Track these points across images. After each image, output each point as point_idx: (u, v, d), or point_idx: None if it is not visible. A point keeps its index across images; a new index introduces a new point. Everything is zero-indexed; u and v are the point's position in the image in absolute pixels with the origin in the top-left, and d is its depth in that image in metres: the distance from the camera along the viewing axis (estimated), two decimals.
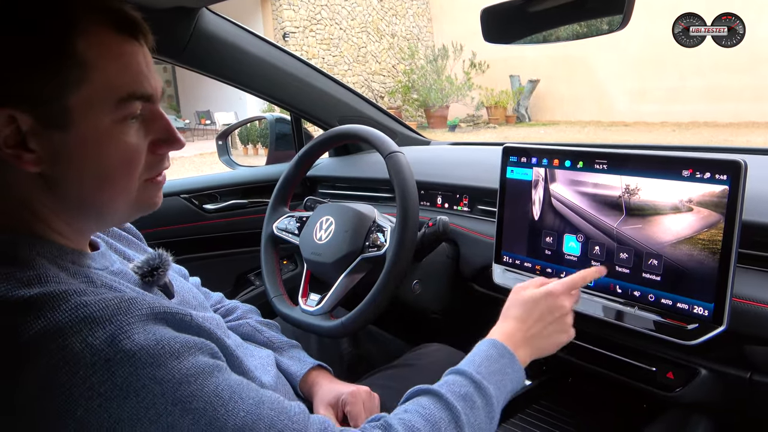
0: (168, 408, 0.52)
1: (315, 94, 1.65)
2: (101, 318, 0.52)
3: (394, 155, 1.09)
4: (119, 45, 0.60)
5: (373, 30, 14.62)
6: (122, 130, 0.61)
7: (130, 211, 0.67)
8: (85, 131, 0.58)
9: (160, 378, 0.52)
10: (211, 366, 0.58)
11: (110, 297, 0.55)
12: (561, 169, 0.98)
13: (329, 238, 1.17)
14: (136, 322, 0.54)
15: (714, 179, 0.78)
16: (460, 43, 13.07)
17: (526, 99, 13.54)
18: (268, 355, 0.91)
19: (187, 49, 1.36)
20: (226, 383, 0.57)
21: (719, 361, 0.86)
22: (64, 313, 0.52)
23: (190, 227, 1.62)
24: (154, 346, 0.54)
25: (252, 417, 0.57)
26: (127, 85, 0.60)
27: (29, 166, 0.58)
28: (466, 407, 0.70)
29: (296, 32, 13.15)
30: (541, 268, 1.01)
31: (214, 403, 0.55)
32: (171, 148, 0.67)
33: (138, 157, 0.63)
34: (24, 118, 0.56)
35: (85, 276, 0.62)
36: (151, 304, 0.58)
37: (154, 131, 0.65)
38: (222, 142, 2.09)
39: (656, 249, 0.84)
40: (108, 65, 0.58)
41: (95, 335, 0.51)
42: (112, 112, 0.59)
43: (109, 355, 0.51)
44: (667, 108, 11.21)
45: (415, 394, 0.74)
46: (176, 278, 0.85)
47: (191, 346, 0.57)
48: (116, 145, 0.60)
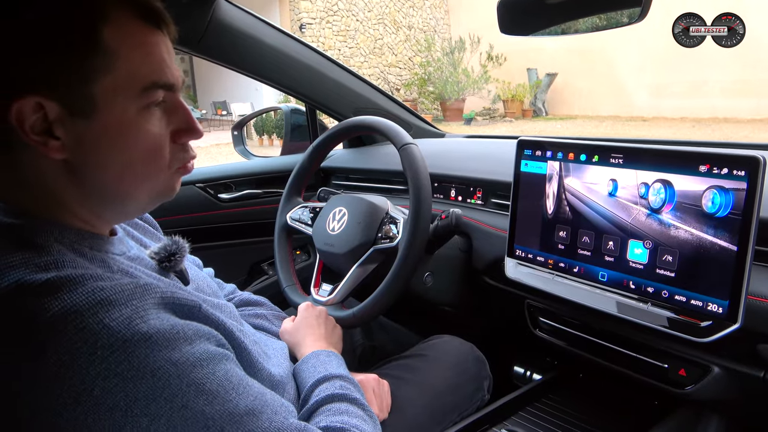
0: (183, 389, 0.54)
1: (330, 85, 1.65)
2: (117, 301, 0.54)
3: (408, 147, 1.09)
4: (144, 34, 0.61)
5: (389, 22, 14.55)
6: (146, 119, 0.62)
7: (152, 200, 0.68)
8: (109, 119, 0.59)
9: (175, 360, 0.54)
10: (220, 354, 0.60)
11: (125, 282, 0.56)
12: (576, 162, 0.97)
13: (342, 229, 1.18)
14: (150, 307, 0.56)
15: (732, 175, 0.77)
16: (477, 36, 12.95)
17: (543, 92, 13.40)
18: (282, 347, 0.92)
19: (204, 39, 1.37)
20: (234, 371, 0.60)
21: (732, 359, 0.85)
22: (80, 295, 0.53)
23: (204, 216, 1.64)
24: (169, 330, 0.55)
25: (259, 402, 0.60)
26: (150, 74, 0.61)
27: (54, 153, 0.59)
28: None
29: (313, 23, 13.13)
30: (554, 262, 1.01)
31: (226, 386, 0.57)
32: (191, 138, 0.68)
33: (160, 146, 0.64)
34: (51, 105, 0.57)
35: (102, 261, 0.63)
36: (163, 292, 0.59)
37: (175, 121, 0.66)
38: (237, 132, 2.10)
39: (671, 245, 0.84)
40: (132, 54, 0.60)
41: (112, 317, 0.53)
42: (135, 100, 0.60)
43: (126, 336, 0.52)
44: (687, 103, 11.02)
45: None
46: (191, 267, 0.86)
47: (202, 334, 0.59)
48: (139, 134, 0.62)
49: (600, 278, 0.93)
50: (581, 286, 0.96)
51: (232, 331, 0.69)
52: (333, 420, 0.72)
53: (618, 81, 12.05)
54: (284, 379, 0.80)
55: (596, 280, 0.94)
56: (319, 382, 0.80)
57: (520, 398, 1.12)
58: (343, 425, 0.71)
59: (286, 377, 0.81)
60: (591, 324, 1.02)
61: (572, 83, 13.11)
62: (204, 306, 0.65)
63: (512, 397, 1.10)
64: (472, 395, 1.06)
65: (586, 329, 1.04)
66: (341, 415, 0.73)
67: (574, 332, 1.06)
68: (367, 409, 0.78)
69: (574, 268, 0.97)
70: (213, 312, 0.67)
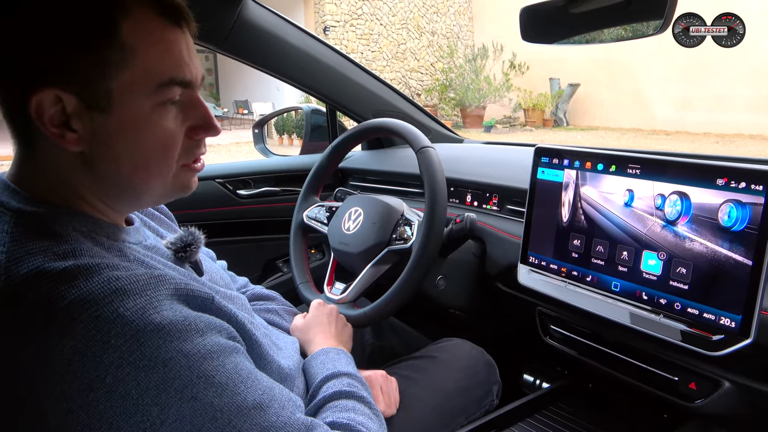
0: (193, 380, 0.55)
1: (351, 87, 1.67)
2: (132, 291, 0.55)
3: (426, 150, 1.10)
4: (162, 31, 0.62)
5: (413, 27, 14.58)
6: (161, 115, 0.63)
7: (166, 194, 0.69)
8: (124, 114, 0.60)
9: (186, 351, 0.55)
10: (230, 347, 0.61)
11: (141, 272, 0.58)
12: (593, 172, 0.97)
13: (357, 229, 1.19)
14: (164, 298, 0.57)
15: (749, 189, 0.77)
16: (500, 43, 12.91)
17: (564, 102, 13.31)
18: (293, 341, 0.93)
19: (230, 37, 1.40)
20: (243, 364, 0.61)
21: (744, 375, 0.85)
22: (96, 284, 0.54)
23: (223, 211, 1.66)
24: (182, 322, 0.56)
25: (267, 396, 0.61)
26: (167, 71, 0.62)
27: (71, 145, 0.60)
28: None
29: (336, 26, 13.21)
30: (567, 270, 1.01)
31: (235, 379, 0.58)
32: (208, 134, 0.68)
33: (174, 142, 0.65)
34: (69, 98, 0.58)
35: (119, 250, 0.64)
36: (177, 284, 0.60)
37: (192, 117, 0.66)
38: (258, 130, 2.13)
39: (685, 257, 0.83)
40: (150, 50, 0.60)
41: (126, 307, 0.54)
42: (151, 96, 0.61)
43: (139, 326, 0.53)
44: (712, 118, 10.86)
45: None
46: (205, 258, 0.87)
47: (213, 327, 0.60)
48: (154, 129, 0.62)
49: (613, 288, 0.93)
50: (594, 295, 0.96)
51: (243, 324, 0.70)
52: (339, 416, 0.73)
53: (641, 93, 11.93)
54: (294, 372, 0.81)
55: (609, 290, 0.94)
56: (327, 378, 0.81)
57: (529, 405, 1.12)
58: (349, 422, 0.72)
59: (296, 371, 0.83)
60: (602, 334, 1.02)
61: (594, 94, 13.01)
62: (217, 298, 0.66)
63: (520, 404, 1.10)
64: (481, 399, 1.07)
65: (596, 339, 1.03)
66: (347, 412, 0.74)
67: (585, 341, 1.06)
68: (374, 408, 0.79)
69: (587, 277, 0.97)
70: (225, 304, 0.68)
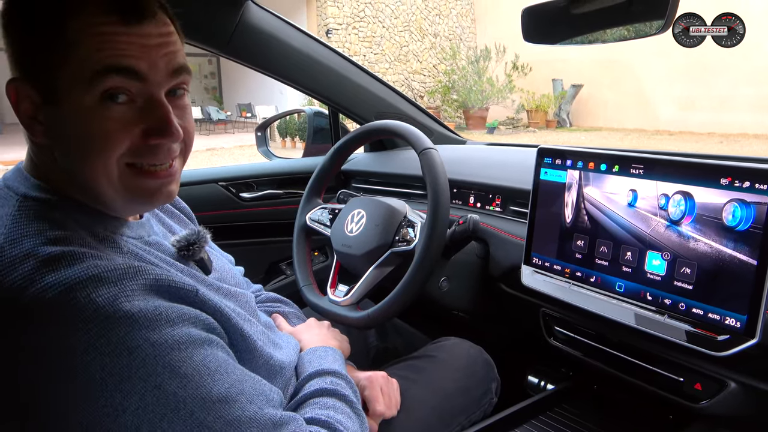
0: (158, 369, 0.56)
1: (354, 89, 1.67)
2: (107, 279, 0.56)
3: (428, 152, 1.10)
4: (104, 25, 0.61)
5: (415, 29, 14.61)
6: (104, 112, 0.61)
7: (124, 200, 0.66)
8: (69, 107, 0.62)
9: (153, 341, 0.56)
10: (203, 339, 0.61)
11: (120, 262, 0.59)
12: (596, 172, 0.97)
13: (360, 231, 1.19)
14: (139, 288, 0.58)
15: (753, 188, 0.76)
16: (503, 45, 12.92)
17: (568, 103, 13.30)
18: (296, 343, 0.93)
19: (232, 40, 1.40)
20: (214, 357, 0.61)
21: (749, 375, 0.84)
22: (76, 271, 0.56)
23: (226, 214, 1.67)
24: (152, 311, 0.57)
25: (235, 390, 0.61)
26: (103, 60, 0.60)
27: (38, 138, 0.64)
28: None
29: (339, 29, 13.25)
30: (571, 271, 1.01)
31: (201, 371, 0.59)
32: (163, 140, 0.65)
33: (113, 139, 0.62)
34: (32, 92, 0.62)
35: (114, 242, 0.65)
36: (158, 275, 0.61)
37: (147, 119, 0.64)
38: (261, 133, 2.13)
39: (690, 257, 0.83)
40: (88, 42, 0.60)
41: (99, 293, 0.55)
42: (89, 88, 0.60)
43: (108, 312, 0.55)
44: (715, 118, 10.83)
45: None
46: (221, 260, 0.88)
47: (186, 318, 0.61)
48: (94, 124, 0.62)
49: (617, 289, 0.93)
50: (598, 296, 0.96)
51: (229, 317, 0.69)
52: (319, 413, 0.73)
53: (644, 94, 11.91)
54: (289, 368, 0.81)
55: (613, 291, 0.94)
56: (311, 376, 0.82)
57: (533, 406, 1.11)
58: (328, 419, 0.72)
59: (293, 368, 0.84)
60: (606, 335, 1.02)
61: (598, 95, 13.00)
62: (202, 290, 0.65)
63: (525, 405, 1.10)
64: (481, 398, 1.07)
65: (601, 340, 1.03)
66: (328, 410, 0.75)
67: (590, 342, 1.05)
68: (356, 407, 0.79)
69: (591, 278, 0.97)
70: (212, 297, 0.67)
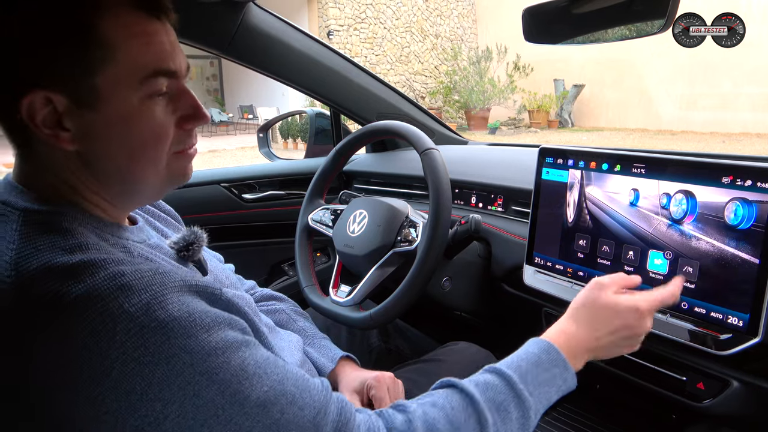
0: (195, 377, 0.55)
1: (355, 90, 1.67)
2: (137, 287, 0.55)
3: (430, 152, 1.10)
4: (141, 24, 0.62)
5: (417, 30, 14.61)
6: (150, 107, 0.63)
7: (163, 184, 0.69)
8: (113, 109, 0.61)
9: (190, 348, 0.55)
10: (240, 341, 0.60)
11: (146, 268, 0.58)
12: (598, 171, 0.97)
13: (362, 232, 1.19)
14: (169, 293, 0.57)
15: (755, 187, 0.76)
16: (504, 45, 12.91)
17: (569, 104, 13.29)
18: (297, 340, 0.93)
19: (234, 42, 1.40)
20: (252, 358, 0.60)
21: (752, 374, 0.84)
22: (101, 280, 0.55)
23: (228, 215, 1.67)
24: (186, 318, 0.56)
25: (275, 392, 0.59)
26: (151, 63, 0.62)
27: (66, 145, 0.62)
28: (499, 419, 0.66)
29: (340, 31, 13.25)
30: (573, 271, 1.01)
31: (239, 376, 0.57)
32: (198, 123, 0.69)
33: (165, 133, 0.65)
34: (58, 98, 0.60)
35: (124, 246, 0.65)
36: (185, 278, 0.60)
37: (181, 107, 0.67)
38: (263, 134, 2.13)
39: (692, 256, 0.83)
40: (131, 44, 0.61)
41: (131, 302, 0.54)
42: (137, 89, 0.62)
43: (144, 322, 0.54)
44: (718, 117, 10.82)
45: (447, 385, 0.71)
46: (212, 260, 0.88)
47: (221, 321, 0.59)
48: (144, 122, 0.63)
49: None
50: None
51: (253, 320, 0.70)
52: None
53: (647, 93, 11.90)
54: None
55: None
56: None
57: None
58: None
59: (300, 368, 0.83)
60: None
61: (600, 95, 12.98)
62: (225, 291, 0.66)
63: None
64: None
65: None
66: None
67: None
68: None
69: (594, 277, 0.97)
70: (235, 300, 0.68)
